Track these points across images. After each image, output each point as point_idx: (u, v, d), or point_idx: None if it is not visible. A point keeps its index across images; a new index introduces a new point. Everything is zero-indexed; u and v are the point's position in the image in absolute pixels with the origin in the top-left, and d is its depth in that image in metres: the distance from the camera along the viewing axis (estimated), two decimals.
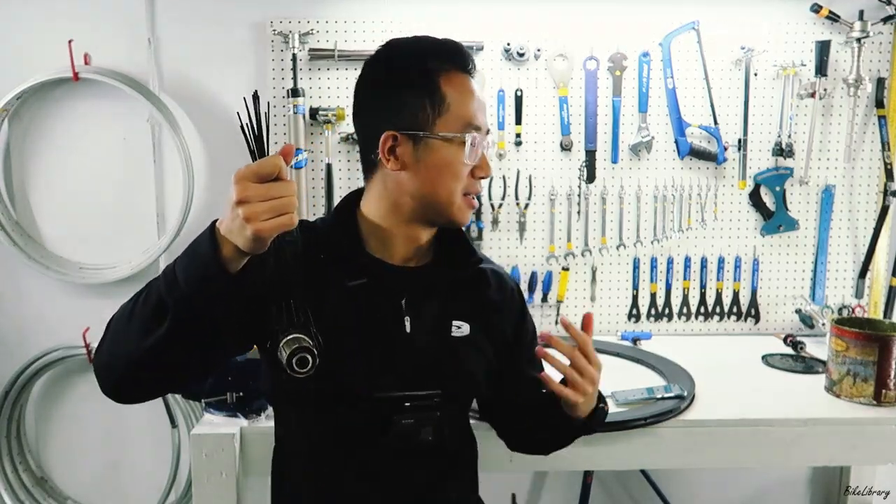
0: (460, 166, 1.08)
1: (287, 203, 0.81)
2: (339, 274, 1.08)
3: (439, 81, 1.06)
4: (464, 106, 1.07)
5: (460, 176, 1.08)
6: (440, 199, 1.09)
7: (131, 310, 0.89)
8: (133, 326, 0.88)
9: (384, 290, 1.10)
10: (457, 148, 1.07)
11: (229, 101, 2.07)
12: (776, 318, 2.22)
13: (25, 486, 2.19)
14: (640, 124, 2.10)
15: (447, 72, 1.07)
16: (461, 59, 1.09)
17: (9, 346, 2.16)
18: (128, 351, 0.89)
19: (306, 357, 0.86)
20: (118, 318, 0.92)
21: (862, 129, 2.15)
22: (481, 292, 1.20)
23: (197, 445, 1.47)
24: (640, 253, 2.17)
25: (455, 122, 1.06)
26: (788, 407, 1.59)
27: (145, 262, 2.06)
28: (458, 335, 1.15)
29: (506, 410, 1.28)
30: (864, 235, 2.18)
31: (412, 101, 1.06)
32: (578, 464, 1.67)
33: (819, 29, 2.08)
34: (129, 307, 0.90)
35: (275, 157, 0.82)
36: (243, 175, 0.81)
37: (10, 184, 2.10)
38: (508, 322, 1.24)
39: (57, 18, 2.00)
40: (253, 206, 0.80)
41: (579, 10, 2.07)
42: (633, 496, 2.30)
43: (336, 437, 1.10)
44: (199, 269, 0.84)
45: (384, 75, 1.10)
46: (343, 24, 2.03)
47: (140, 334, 0.87)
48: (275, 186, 0.81)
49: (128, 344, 0.88)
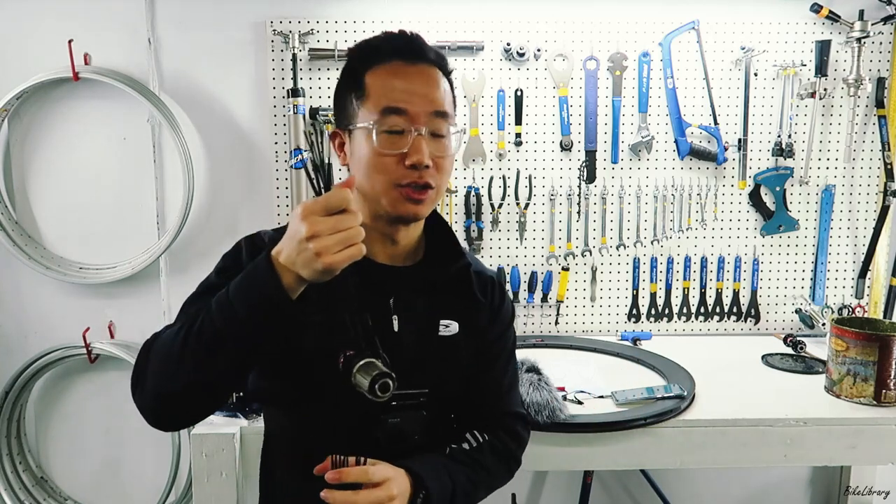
0: (378, 156, 1.03)
1: (355, 234, 0.83)
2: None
3: (365, 74, 1.07)
4: (383, 92, 1.05)
5: (383, 166, 1.03)
6: (368, 191, 1.07)
7: (182, 345, 0.90)
8: (187, 362, 0.89)
9: (372, 288, 1.09)
10: (375, 137, 1.03)
11: (229, 101, 2.07)
12: (776, 318, 2.22)
13: (25, 486, 2.19)
14: (640, 124, 2.10)
15: (377, 64, 1.07)
16: (396, 48, 1.07)
17: (9, 345, 2.16)
18: (183, 386, 0.90)
19: (388, 382, 0.90)
20: (165, 354, 0.92)
21: (862, 129, 2.15)
22: (468, 292, 1.19)
23: (197, 445, 1.47)
24: (640, 253, 2.17)
25: (372, 109, 1.05)
26: (788, 407, 1.59)
27: (145, 262, 2.06)
28: (446, 334, 1.15)
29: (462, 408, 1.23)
30: (864, 235, 2.18)
31: (344, 96, 1.09)
32: (578, 464, 1.67)
33: (819, 29, 2.09)
34: (176, 342, 0.90)
35: (342, 191, 0.84)
36: (312, 209, 0.83)
37: (10, 184, 2.10)
38: (491, 322, 1.23)
39: (57, 18, 2.00)
40: (323, 239, 0.82)
41: (579, 10, 2.07)
42: (633, 496, 2.30)
43: (323, 436, 1.09)
44: (263, 299, 0.86)
45: (338, 78, 1.13)
46: (343, 24, 2.03)
47: (195, 369, 0.89)
48: (343, 219, 0.83)
49: (182, 379, 0.90)
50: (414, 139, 1.03)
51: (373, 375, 0.89)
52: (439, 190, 1.09)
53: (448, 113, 1.08)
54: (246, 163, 2.10)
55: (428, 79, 1.07)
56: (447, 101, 1.09)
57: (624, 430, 1.48)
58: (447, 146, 1.08)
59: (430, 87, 1.07)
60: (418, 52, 1.08)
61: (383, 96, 1.04)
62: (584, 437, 1.50)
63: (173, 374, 0.91)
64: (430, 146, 1.05)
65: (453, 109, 1.12)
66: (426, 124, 1.04)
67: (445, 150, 1.07)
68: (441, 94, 1.07)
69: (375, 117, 1.04)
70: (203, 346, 0.88)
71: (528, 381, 1.53)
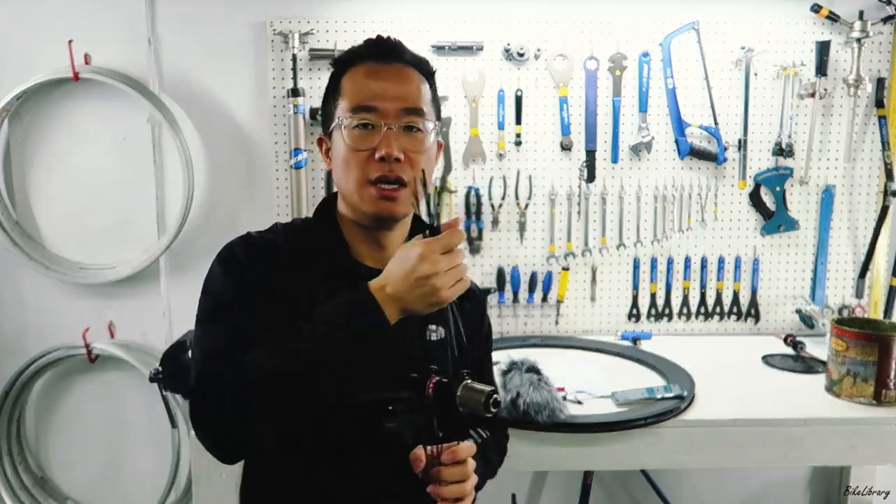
0: (350, 152, 1.05)
1: (464, 269, 0.92)
2: (319, 276, 1.08)
3: (341, 79, 1.09)
4: (355, 91, 1.06)
5: (355, 162, 1.05)
6: (343, 189, 1.09)
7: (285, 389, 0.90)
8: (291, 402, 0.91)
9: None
10: (346, 133, 1.05)
11: (229, 101, 2.07)
12: (776, 318, 2.22)
13: (25, 486, 2.19)
14: (640, 124, 2.10)
15: (352, 67, 1.08)
16: (371, 51, 1.08)
17: (9, 345, 2.16)
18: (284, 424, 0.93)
19: (498, 399, 0.95)
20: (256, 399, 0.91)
21: (862, 129, 2.15)
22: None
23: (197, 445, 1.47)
24: (640, 253, 2.17)
25: (345, 108, 1.06)
26: (788, 407, 1.59)
27: (145, 262, 2.06)
28: (435, 339, 1.15)
29: None
30: (864, 235, 2.18)
31: (328, 102, 1.12)
32: (578, 464, 1.67)
33: (819, 29, 2.08)
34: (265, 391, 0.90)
35: (459, 232, 0.92)
36: (433, 249, 0.89)
37: (10, 184, 2.10)
38: (471, 326, 1.24)
39: (57, 18, 2.00)
40: (442, 277, 0.89)
41: (579, 10, 2.07)
42: (633, 496, 2.30)
43: (315, 441, 1.07)
44: (372, 329, 0.91)
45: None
46: (343, 24, 2.03)
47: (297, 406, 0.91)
48: (455, 256, 0.91)
49: (283, 418, 0.92)
50: (384, 133, 1.04)
51: (486, 392, 0.94)
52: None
53: (422, 109, 1.07)
54: (246, 163, 2.10)
55: (401, 78, 1.07)
56: (423, 98, 1.08)
57: (624, 430, 1.48)
58: (422, 141, 1.07)
59: (402, 85, 1.07)
60: (392, 52, 1.09)
61: (355, 95, 1.06)
62: (584, 438, 1.50)
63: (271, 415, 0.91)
64: (403, 141, 1.05)
65: (433, 109, 1.11)
66: (397, 120, 1.05)
67: (420, 145, 1.07)
68: (414, 91, 1.07)
69: (348, 115, 1.05)
70: (304, 385, 0.90)
71: (528, 381, 1.53)
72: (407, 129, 1.06)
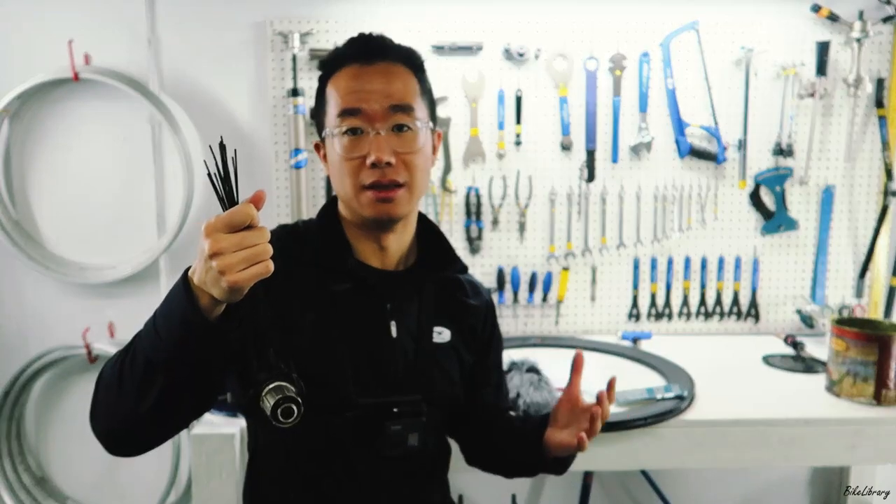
0: (343, 160, 1.05)
1: (261, 251, 0.78)
2: (324, 278, 1.08)
3: (327, 83, 1.09)
4: (340, 95, 1.06)
5: (349, 169, 1.05)
6: (341, 195, 1.10)
7: (119, 374, 0.86)
8: (126, 391, 0.85)
9: (368, 293, 1.10)
10: (336, 141, 1.06)
11: (229, 101, 2.07)
12: (776, 318, 2.22)
13: (25, 486, 2.19)
14: (640, 124, 2.10)
15: (336, 71, 1.08)
16: (353, 52, 1.08)
17: (9, 346, 2.16)
18: (125, 415, 0.87)
19: (291, 407, 0.82)
20: (107, 384, 0.89)
21: (862, 129, 2.15)
22: (459, 299, 1.20)
23: (197, 445, 1.47)
24: (640, 253, 2.17)
25: (333, 115, 1.06)
26: (788, 407, 1.59)
27: (145, 262, 2.06)
28: (440, 341, 1.15)
29: (472, 420, 1.27)
30: (864, 235, 2.18)
31: (319, 108, 1.12)
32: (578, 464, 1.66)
33: (819, 29, 2.08)
34: (115, 372, 0.87)
35: (246, 206, 0.78)
36: (214, 227, 0.77)
37: (10, 184, 2.10)
38: (483, 328, 1.24)
39: (57, 18, 2.00)
40: (227, 257, 0.76)
41: (579, 10, 2.07)
42: (633, 496, 2.30)
43: (318, 444, 1.08)
44: (181, 323, 0.81)
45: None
46: (343, 24, 2.03)
47: (135, 397, 0.84)
48: (248, 235, 0.77)
49: (124, 408, 0.86)
50: (373, 138, 1.03)
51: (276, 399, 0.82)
52: (413, 187, 1.07)
53: (410, 105, 1.06)
54: (246, 163, 2.10)
55: (386, 75, 1.06)
56: (410, 93, 1.07)
57: (624, 430, 1.48)
58: (414, 140, 1.06)
59: (386, 82, 1.05)
60: (375, 51, 1.08)
61: (340, 100, 1.05)
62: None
63: (115, 404, 0.87)
64: (394, 142, 1.04)
65: (424, 102, 1.10)
66: (384, 120, 1.04)
67: (412, 145, 1.06)
68: (401, 87, 1.06)
69: (336, 122, 1.05)
70: (138, 373, 0.84)
71: (528, 381, 1.53)
72: (397, 129, 1.05)
